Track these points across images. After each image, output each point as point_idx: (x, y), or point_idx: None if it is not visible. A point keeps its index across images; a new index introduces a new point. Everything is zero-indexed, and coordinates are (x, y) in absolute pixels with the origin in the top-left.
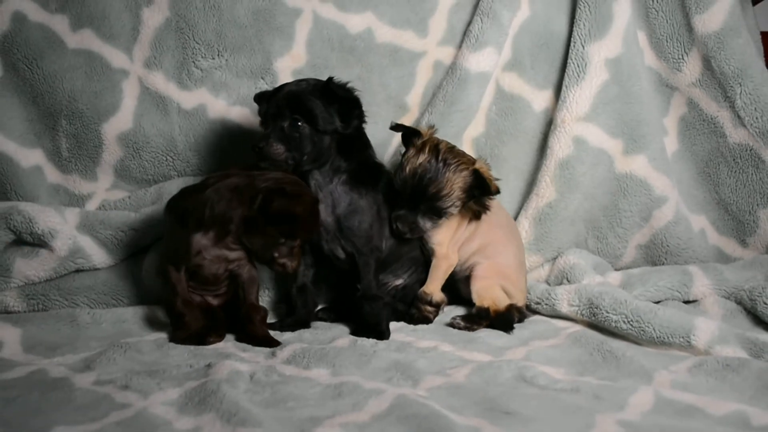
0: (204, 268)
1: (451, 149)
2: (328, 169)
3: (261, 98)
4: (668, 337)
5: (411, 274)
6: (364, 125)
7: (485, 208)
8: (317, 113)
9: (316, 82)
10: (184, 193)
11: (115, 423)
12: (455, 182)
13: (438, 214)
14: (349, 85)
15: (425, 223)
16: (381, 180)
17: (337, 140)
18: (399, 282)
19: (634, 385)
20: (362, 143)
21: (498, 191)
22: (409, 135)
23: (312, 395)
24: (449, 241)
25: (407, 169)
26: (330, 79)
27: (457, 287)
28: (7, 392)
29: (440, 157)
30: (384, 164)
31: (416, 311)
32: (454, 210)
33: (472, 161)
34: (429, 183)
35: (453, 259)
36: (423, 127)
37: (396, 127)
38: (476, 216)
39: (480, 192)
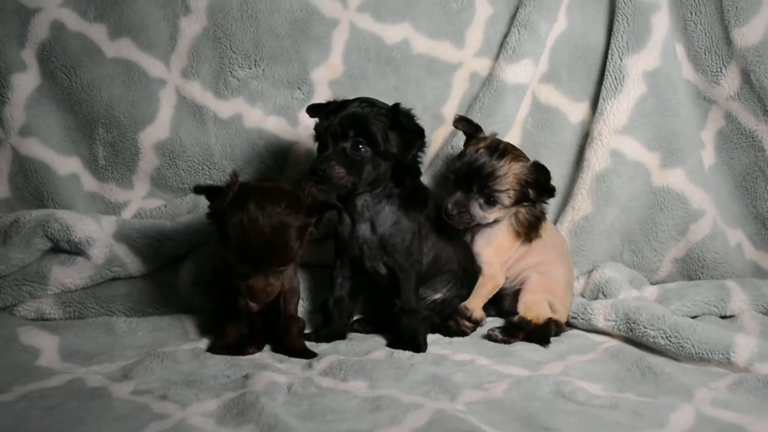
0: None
1: (513, 147)
2: (380, 192)
3: (316, 111)
4: (707, 354)
5: (450, 288)
6: (422, 155)
7: (537, 221)
8: (380, 138)
9: (382, 106)
10: None
11: None
12: (512, 168)
13: (490, 199)
14: (412, 110)
15: (476, 209)
16: (427, 204)
17: (393, 166)
18: (437, 296)
19: (674, 403)
20: (416, 171)
21: (554, 190)
22: (472, 133)
23: (350, 408)
24: (499, 262)
25: (466, 153)
26: (396, 105)
27: (503, 301)
28: (46, 401)
29: (500, 146)
30: (429, 189)
31: (454, 324)
32: (507, 200)
33: (531, 161)
34: (485, 163)
35: (499, 280)
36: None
37: (459, 123)
38: (528, 238)
39: (535, 191)
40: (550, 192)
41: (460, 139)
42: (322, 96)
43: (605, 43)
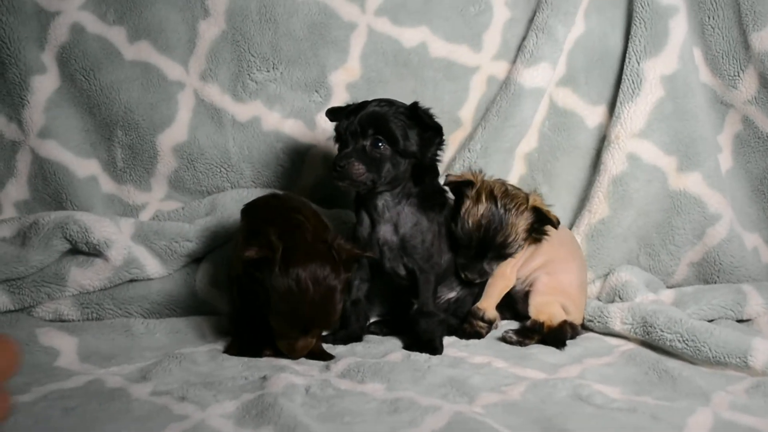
0: None
1: (506, 192)
2: (399, 191)
3: (336, 114)
4: (724, 358)
5: (464, 287)
6: (441, 153)
7: (545, 234)
8: (399, 136)
9: (401, 105)
10: None
11: None
12: (519, 226)
13: (505, 257)
14: (430, 109)
15: (492, 267)
16: (445, 205)
17: (413, 165)
18: (452, 295)
19: (692, 406)
20: (435, 170)
21: (558, 222)
22: (461, 186)
23: (368, 410)
24: (509, 262)
25: (470, 222)
26: (415, 103)
27: (515, 303)
28: (66, 402)
29: (499, 204)
30: (446, 190)
31: (468, 326)
32: (520, 250)
33: (526, 197)
34: (495, 233)
35: (510, 280)
36: (470, 173)
37: (448, 183)
38: (536, 240)
39: (540, 224)
40: (554, 224)
41: (477, 142)
42: (339, 99)
43: (623, 47)
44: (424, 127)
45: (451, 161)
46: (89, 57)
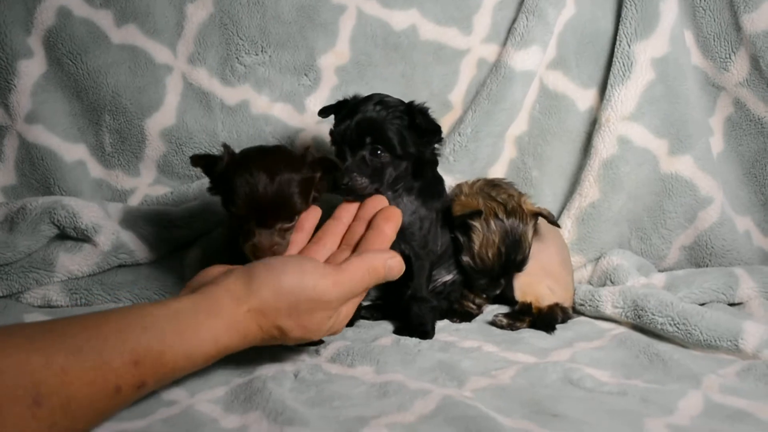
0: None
1: (509, 208)
2: (400, 187)
3: (327, 113)
4: (716, 341)
5: (459, 270)
6: (440, 147)
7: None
8: (397, 142)
9: (395, 106)
10: None
11: (161, 420)
12: (528, 236)
13: (521, 270)
14: (426, 105)
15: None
16: (444, 192)
17: (413, 161)
18: (449, 277)
19: (682, 389)
20: (434, 162)
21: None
22: (467, 217)
23: (357, 394)
24: None
25: (489, 254)
26: (411, 104)
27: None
28: None
29: (509, 225)
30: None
31: (459, 306)
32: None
33: (519, 203)
34: (516, 254)
35: None
36: (462, 196)
37: (457, 218)
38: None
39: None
40: (559, 225)
41: (467, 125)
42: (329, 83)
43: (613, 30)
44: (421, 128)
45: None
46: (76, 41)
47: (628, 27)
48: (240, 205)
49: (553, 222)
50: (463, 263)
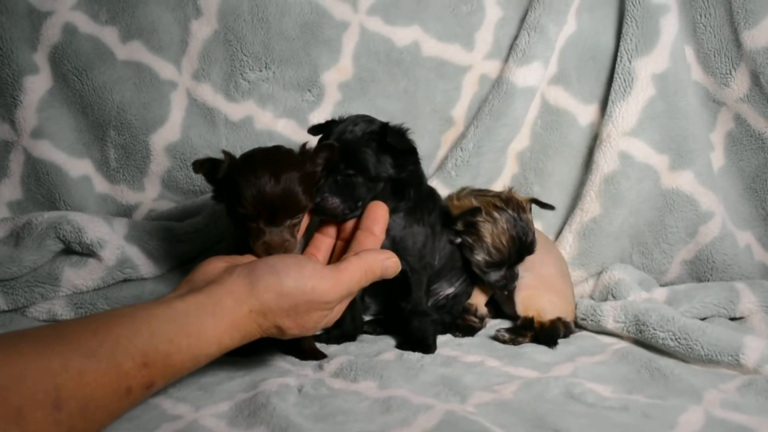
0: None
1: (504, 198)
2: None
3: (317, 131)
4: (716, 356)
5: (461, 283)
6: (418, 168)
7: None
8: (370, 165)
9: (369, 129)
10: None
11: None
12: (531, 220)
13: (533, 252)
14: (404, 126)
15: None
16: (437, 206)
17: (392, 183)
18: (450, 290)
19: (683, 404)
20: (417, 181)
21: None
22: (468, 216)
23: (361, 409)
24: None
25: (503, 241)
26: (386, 125)
27: (501, 305)
28: None
29: (510, 211)
30: (435, 189)
31: (461, 321)
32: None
33: (510, 195)
34: (527, 235)
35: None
36: (453, 196)
37: (460, 217)
38: None
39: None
40: (552, 207)
41: (469, 141)
42: (332, 98)
43: (614, 46)
44: (395, 150)
45: (443, 160)
46: (82, 57)
47: (628, 43)
48: (248, 205)
49: (546, 205)
50: (476, 264)
